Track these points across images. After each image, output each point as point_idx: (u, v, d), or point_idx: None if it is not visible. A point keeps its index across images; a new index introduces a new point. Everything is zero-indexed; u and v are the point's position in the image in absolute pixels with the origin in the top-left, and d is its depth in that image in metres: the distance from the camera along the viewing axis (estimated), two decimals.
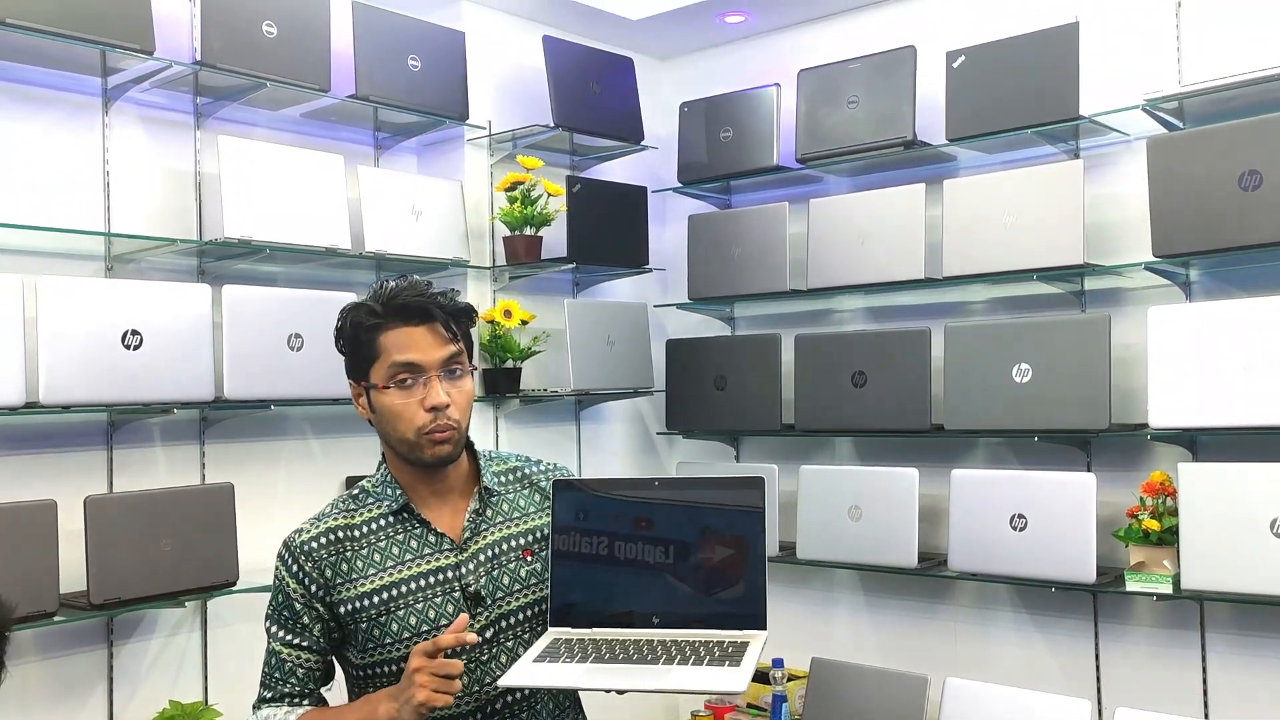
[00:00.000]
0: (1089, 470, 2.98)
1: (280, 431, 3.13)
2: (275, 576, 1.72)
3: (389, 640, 1.66)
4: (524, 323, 3.38)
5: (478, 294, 3.46)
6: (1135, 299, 2.99)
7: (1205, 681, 2.86)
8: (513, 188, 3.35)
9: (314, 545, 1.69)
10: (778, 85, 3.51)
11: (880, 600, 3.43)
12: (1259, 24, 2.68)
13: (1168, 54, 2.92)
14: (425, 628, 1.65)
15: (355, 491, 1.76)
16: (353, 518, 1.72)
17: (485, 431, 3.47)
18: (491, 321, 3.36)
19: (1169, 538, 2.71)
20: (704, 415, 3.59)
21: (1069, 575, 2.79)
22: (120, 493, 2.69)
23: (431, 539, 1.71)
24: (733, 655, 1.56)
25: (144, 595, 2.56)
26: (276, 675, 1.69)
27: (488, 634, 1.69)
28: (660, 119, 3.92)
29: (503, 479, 1.80)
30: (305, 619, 1.68)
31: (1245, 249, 2.61)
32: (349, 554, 1.69)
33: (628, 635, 1.64)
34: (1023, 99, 2.98)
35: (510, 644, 1.70)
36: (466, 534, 1.72)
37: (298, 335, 2.87)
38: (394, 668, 1.66)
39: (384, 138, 3.42)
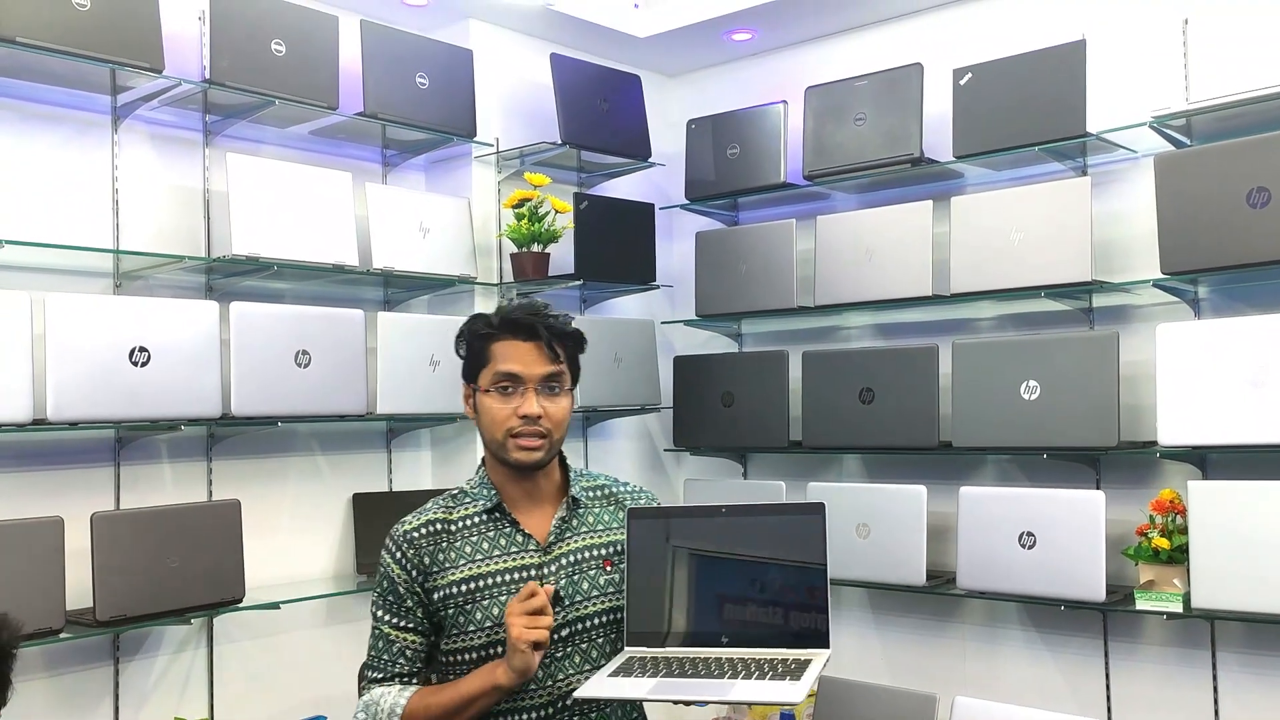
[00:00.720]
0: (1098, 488, 2.96)
1: (287, 448, 3.13)
2: (380, 564, 1.87)
3: (472, 628, 1.80)
4: None
5: (485, 311, 3.46)
6: (1143, 316, 2.98)
7: (1216, 701, 2.83)
8: (520, 204, 3.36)
9: (415, 535, 1.85)
10: (785, 102, 3.51)
11: (888, 618, 3.41)
12: (1266, 41, 2.67)
13: (1175, 71, 2.92)
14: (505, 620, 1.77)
15: (454, 491, 1.93)
16: (450, 513, 1.87)
17: None
18: None
19: (1179, 556, 2.69)
20: (711, 432, 3.58)
21: (1078, 593, 2.77)
22: (127, 509, 2.69)
23: (519, 538, 1.85)
24: (794, 671, 1.65)
25: (150, 612, 2.55)
26: (385, 657, 1.83)
27: (563, 633, 1.81)
28: (667, 136, 3.92)
29: (591, 494, 1.95)
30: (409, 602, 1.83)
31: (1254, 266, 2.59)
32: (444, 545, 1.84)
33: (698, 654, 1.75)
34: (1030, 116, 2.98)
35: (584, 646, 1.83)
36: (552, 538, 1.86)
37: (305, 352, 2.87)
38: (475, 655, 1.80)
39: (392, 155, 3.44)
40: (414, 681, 1.84)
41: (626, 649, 1.80)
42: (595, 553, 1.88)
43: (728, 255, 3.57)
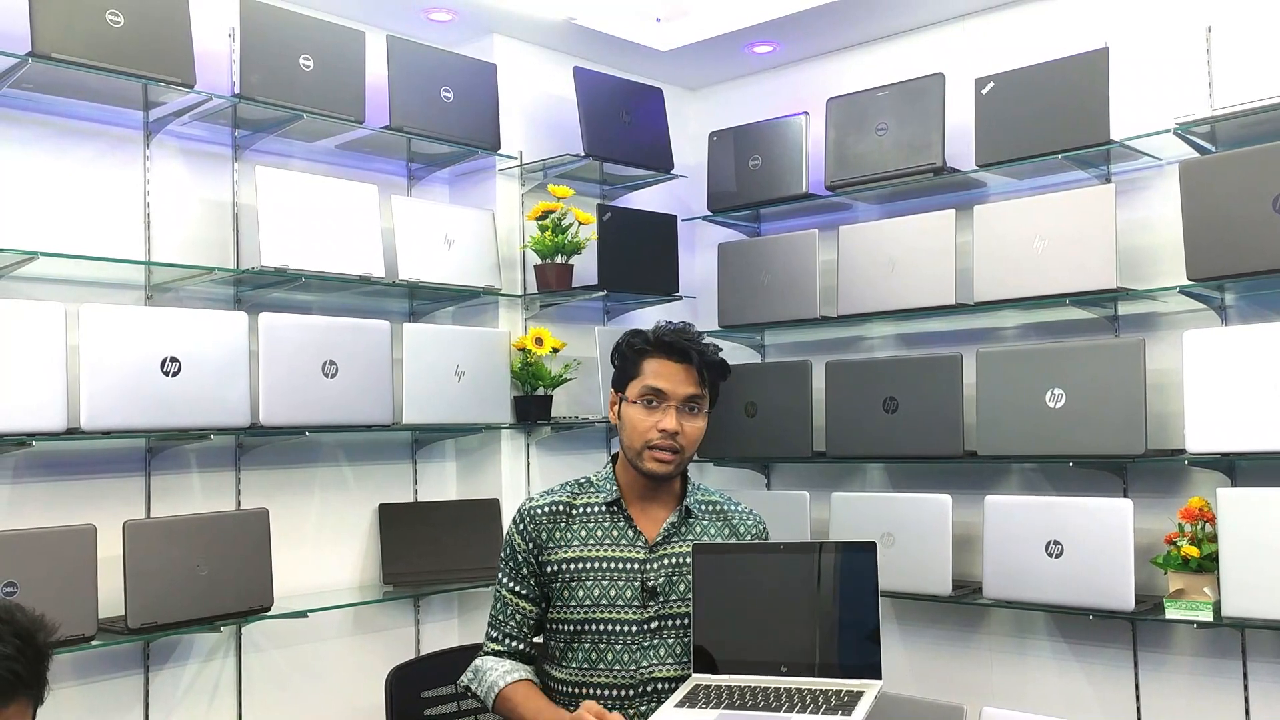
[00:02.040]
0: (1125, 496, 2.94)
1: (314, 458, 3.16)
2: (506, 534, 2.09)
3: (574, 602, 2.01)
4: (555, 350, 3.40)
5: (509, 322, 3.49)
6: (1169, 323, 2.97)
7: (1247, 712, 2.80)
8: (544, 216, 3.38)
9: (538, 512, 2.06)
10: (806, 114, 3.53)
11: (914, 628, 3.40)
12: None
13: (1198, 77, 2.91)
14: (605, 601, 1.99)
15: (582, 480, 2.12)
16: (575, 498, 2.07)
17: (516, 459, 3.48)
18: (523, 349, 3.38)
19: (1209, 564, 2.67)
20: (735, 442, 3.58)
21: (1107, 603, 2.75)
22: (158, 518, 2.72)
23: (630, 533, 2.03)
24: (847, 704, 1.75)
25: (180, 620, 2.58)
26: (500, 616, 2.08)
27: (653, 624, 1.99)
28: (690, 148, 3.94)
29: (703, 506, 2.11)
30: (524, 570, 2.06)
31: None
32: (563, 524, 2.04)
33: (758, 683, 1.86)
34: (1053, 124, 2.98)
35: (670, 640, 2.00)
36: (659, 539, 2.04)
37: (332, 362, 2.90)
38: (573, 627, 2.01)
39: (417, 168, 3.47)
40: (522, 646, 2.06)
41: (693, 676, 1.92)
42: None
43: (750, 266, 3.58)
